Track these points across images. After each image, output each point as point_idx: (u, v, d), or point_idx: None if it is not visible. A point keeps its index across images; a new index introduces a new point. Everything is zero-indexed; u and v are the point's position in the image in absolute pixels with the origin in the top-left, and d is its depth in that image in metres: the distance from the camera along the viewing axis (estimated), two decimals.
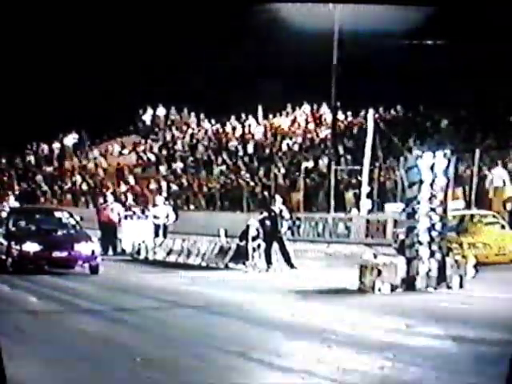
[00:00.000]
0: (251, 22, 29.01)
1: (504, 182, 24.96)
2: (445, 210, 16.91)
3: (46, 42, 31.42)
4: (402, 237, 17.56)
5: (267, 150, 34.40)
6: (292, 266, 21.24)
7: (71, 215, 23.06)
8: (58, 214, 23.24)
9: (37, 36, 31.21)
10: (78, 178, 38.91)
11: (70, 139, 41.40)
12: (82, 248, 21.14)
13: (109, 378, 10.05)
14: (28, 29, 30.69)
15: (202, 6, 29.56)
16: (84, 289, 18.82)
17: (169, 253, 24.59)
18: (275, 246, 21.45)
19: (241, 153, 34.95)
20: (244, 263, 21.75)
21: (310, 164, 31.14)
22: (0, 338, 12.14)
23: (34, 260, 20.95)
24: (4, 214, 23.18)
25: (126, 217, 26.98)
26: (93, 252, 21.24)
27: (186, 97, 36.43)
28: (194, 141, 38.01)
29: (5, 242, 21.63)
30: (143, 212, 27.58)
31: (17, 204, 30.65)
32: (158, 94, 36.67)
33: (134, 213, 27.47)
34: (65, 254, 21.07)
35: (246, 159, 34.29)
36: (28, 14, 28.84)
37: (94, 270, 21.13)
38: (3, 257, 21.46)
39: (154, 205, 27.86)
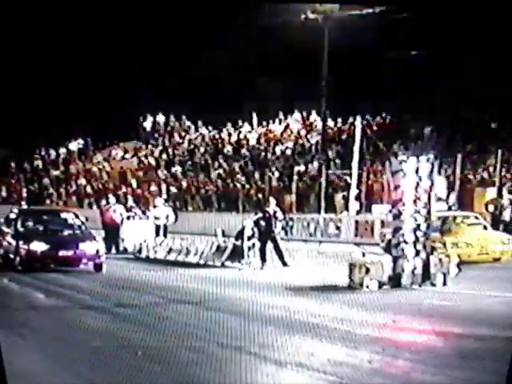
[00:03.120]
0: (246, 35, 29.07)
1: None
2: (429, 212, 16.85)
3: (54, 57, 31.45)
4: (388, 236, 17.49)
5: (261, 155, 34.34)
6: (285, 264, 21.17)
7: (77, 216, 22.93)
8: (64, 215, 23.06)
9: (45, 50, 31.20)
10: (83, 181, 38.81)
11: (76, 145, 41.31)
12: (87, 247, 21.02)
13: (111, 371, 9.96)
14: (36, 43, 30.66)
15: (198, 21, 29.68)
16: (88, 286, 18.71)
17: (169, 251, 24.48)
18: (269, 245, 21.37)
19: (237, 157, 34.90)
20: (240, 261, 21.67)
21: (302, 168, 31.10)
22: (8, 333, 12.10)
23: (41, 259, 20.78)
24: (12, 216, 22.97)
25: (128, 217, 26.87)
26: (97, 251, 21.13)
27: (185, 105, 36.44)
28: (192, 146, 37.93)
29: (13, 242, 21.48)
30: (144, 213, 27.46)
31: (25, 206, 30.47)
32: (158, 102, 36.65)
33: (136, 214, 27.36)
34: (70, 252, 20.94)
35: (242, 163, 34.23)
36: (35, 24, 28.82)
37: (98, 268, 21.02)
38: (12, 256, 21.38)
39: (155, 206, 27.75)
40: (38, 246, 20.84)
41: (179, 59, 32.26)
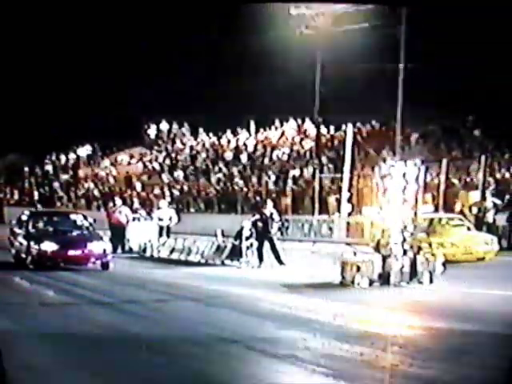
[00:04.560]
0: (245, 51, 29.19)
1: None
2: (415, 214, 16.81)
3: (66, 69, 31.51)
4: (378, 237, 17.44)
5: (259, 160, 34.30)
6: (281, 262, 21.12)
7: (85, 217, 22.77)
8: (73, 217, 22.91)
9: (57, 61, 31.22)
10: (91, 185, 38.78)
11: (84, 151, 41.28)
12: (95, 247, 20.86)
13: (116, 363, 9.90)
14: (49, 54, 30.65)
15: (198, 34, 29.70)
16: (96, 283, 18.64)
17: (171, 251, 24.43)
18: (266, 244, 21.32)
19: (235, 162, 34.86)
20: (238, 260, 21.63)
21: (297, 172, 31.08)
22: (19, 328, 12.04)
23: (51, 258, 20.64)
24: (24, 217, 22.80)
25: (133, 219, 26.82)
26: (104, 250, 20.98)
27: (187, 113, 36.48)
28: (194, 152, 37.88)
29: (25, 242, 21.34)
30: (149, 214, 27.43)
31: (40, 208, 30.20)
32: (161, 111, 36.70)
33: (141, 215, 27.31)
34: (79, 252, 20.78)
35: (240, 168, 34.19)
36: (47, 34, 28.81)
37: (105, 266, 20.89)
38: (23, 255, 21.25)
39: (159, 208, 27.74)
40: (49, 246, 20.71)
41: (181, 70, 32.33)
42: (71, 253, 20.72)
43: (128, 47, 31.60)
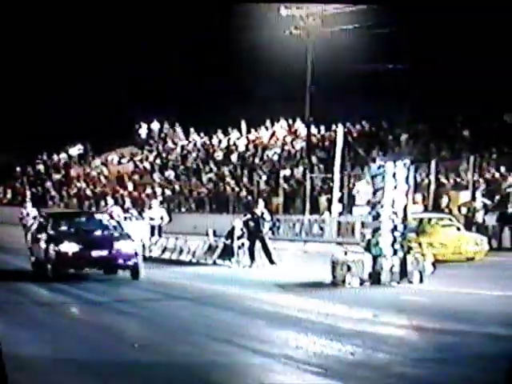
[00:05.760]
0: (236, 51, 29.28)
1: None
2: (405, 213, 16.84)
3: (57, 70, 31.52)
4: (368, 236, 17.45)
5: (250, 160, 34.31)
6: (272, 262, 21.13)
7: (111, 217, 21.14)
8: (97, 216, 21.03)
9: (49, 62, 31.20)
10: (83, 185, 38.73)
11: (75, 150, 41.25)
12: (123, 246, 18.27)
13: (109, 362, 9.92)
14: (39, 55, 30.63)
15: (190, 37, 29.75)
16: (88, 282, 18.56)
17: (163, 250, 24.41)
18: (258, 244, 21.33)
19: (226, 162, 34.88)
20: (230, 260, 21.63)
21: (288, 172, 31.12)
22: (17, 327, 12.05)
23: (73, 260, 18.02)
24: (42, 220, 20.55)
25: (125, 218, 26.76)
26: (135, 252, 18.44)
27: (178, 113, 36.51)
28: (185, 152, 37.88)
29: (44, 246, 18.70)
30: (140, 214, 27.38)
31: (32, 209, 29.47)
32: (152, 110, 36.71)
33: (132, 215, 27.26)
34: (105, 252, 18.13)
35: (231, 168, 34.21)
36: (38, 35, 28.80)
37: (135, 273, 18.29)
38: (43, 260, 18.68)
39: (150, 208, 27.70)
40: (69, 247, 18.16)
41: (173, 72, 32.39)
42: (95, 254, 18.08)
43: (119, 47, 31.60)
